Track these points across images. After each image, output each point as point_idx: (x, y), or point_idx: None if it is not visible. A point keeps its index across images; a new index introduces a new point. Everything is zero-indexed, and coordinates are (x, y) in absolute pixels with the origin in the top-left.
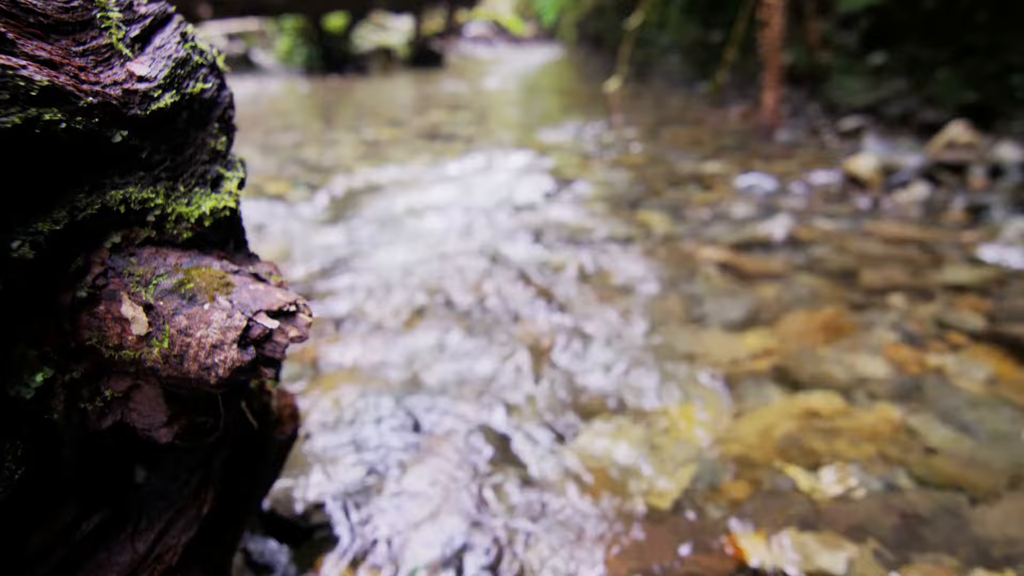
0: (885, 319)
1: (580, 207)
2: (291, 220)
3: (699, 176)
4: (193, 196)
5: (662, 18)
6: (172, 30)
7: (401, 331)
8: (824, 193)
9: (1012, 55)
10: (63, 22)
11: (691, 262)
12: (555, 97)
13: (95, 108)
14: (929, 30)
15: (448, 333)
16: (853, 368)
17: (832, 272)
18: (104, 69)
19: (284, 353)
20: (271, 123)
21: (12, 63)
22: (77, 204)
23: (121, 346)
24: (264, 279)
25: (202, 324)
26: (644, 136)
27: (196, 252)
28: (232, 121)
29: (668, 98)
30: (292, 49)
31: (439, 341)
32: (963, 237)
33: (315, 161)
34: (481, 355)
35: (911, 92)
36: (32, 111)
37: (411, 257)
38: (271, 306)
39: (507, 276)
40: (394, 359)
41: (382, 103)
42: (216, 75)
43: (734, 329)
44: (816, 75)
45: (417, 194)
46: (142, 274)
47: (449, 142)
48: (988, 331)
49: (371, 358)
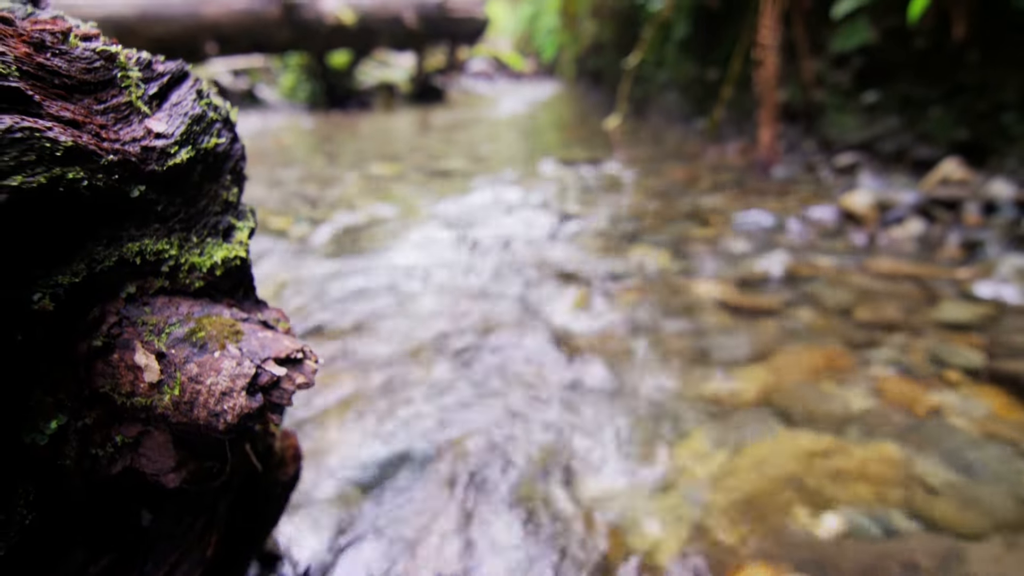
0: (883, 356)
1: (578, 243)
2: (292, 255)
3: (697, 211)
4: (205, 246)
5: (659, 56)
6: (188, 87)
7: (400, 369)
8: (821, 229)
9: (1003, 94)
10: (86, 82)
11: (689, 298)
12: (555, 132)
13: (115, 165)
14: (921, 69)
15: (442, 372)
16: (852, 405)
17: (829, 308)
18: (124, 126)
19: (291, 400)
20: (274, 158)
21: (39, 125)
22: (96, 257)
23: (133, 393)
24: (272, 326)
25: (212, 372)
26: (643, 171)
27: (207, 300)
28: (243, 172)
29: (666, 134)
30: (296, 85)
31: (432, 377)
32: (958, 273)
33: (317, 196)
34: (474, 398)
35: (904, 129)
36: (56, 170)
37: (409, 294)
38: (279, 353)
39: (504, 313)
40: (390, 401)
41: (384, 138)
42: (229, 129)
43: (732, 366)
44: (811, 112)
45: (417, 230)
46: (155, 323)
47: (450, 178)
48: (985, 368)
49: (366, 395)
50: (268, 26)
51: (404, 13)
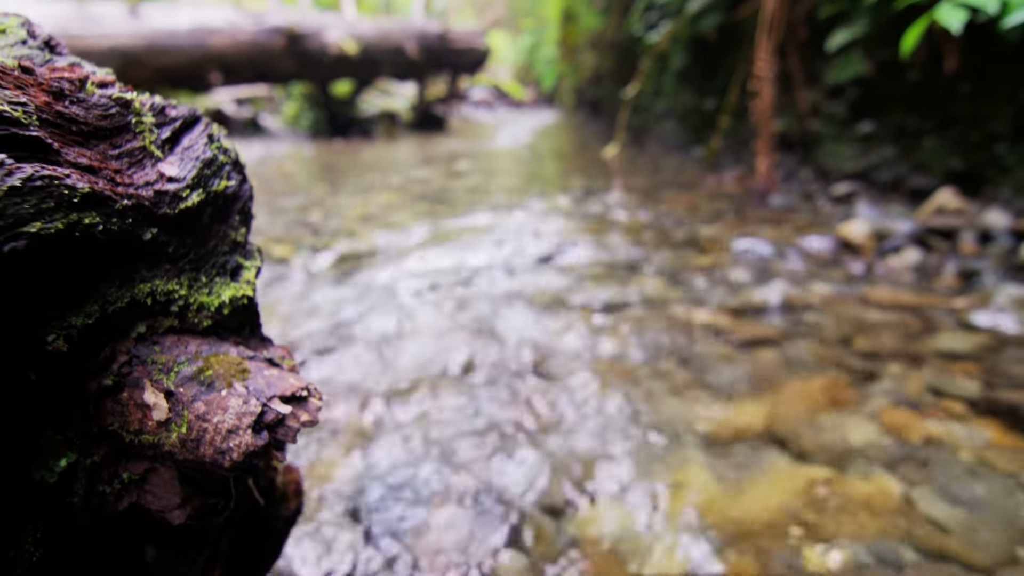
0: (881, 386)
1: (578, 271)
2: (293, 283)
3: (695, 240)
4: (214, 286)
5: (657, 86)
6: (200, 131)
7: (398, 401)
8: (818, 258)
9: (994, 124)
10: (102, 128)
11: (688, 327)
12: (554, 161)
13: (129, 209)
14: (914, 100)
15: (438, 405)
16: (851, 437)
17: (828, 338)
18: (137, 170)
19: (295, 438)
20: (277, 186)
21: (57, 173)
22: (108, 298)
23: (141, 431)
24: (278, 364)
25: (219, 410)
26: (641, 199)
27: (215, 339)
28: (251, 212)
29: (664, 162)
30: (299, 113)
31: (426, 412)
32: (955, 303)
33: (319, 224)
34: (468, 431)
35: (900, 159)
36: (74, 216)
37: (409, 324)
38: (284, 391)
39: (502, 345)
40: (390, 431)
41: (385, 166)
42: (238, 171)
43: (731, 396)
44: (807, 142)
45: (418, 258)
46: (164, 362)
47: (450, 206)
48: (984, 398)
49: (364, 428)
50: (272, 56)
51: (406, 44)
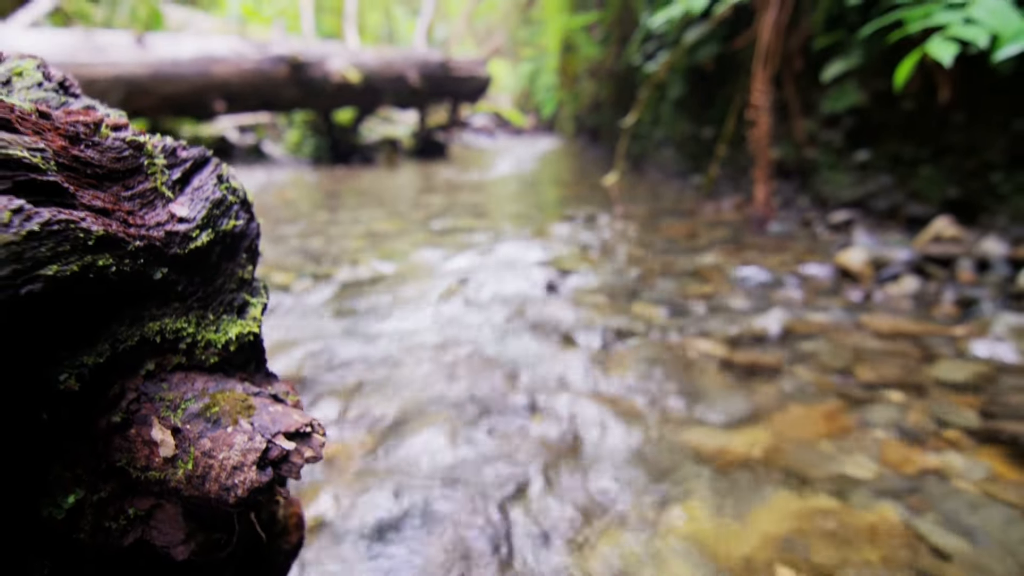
0: (882, 416)
1: (578, 300)
2: (295, 311)
3: (695, 268)
4: (221, 323)
5: (656, 115)
6: (209, 172)
7: (395, 433)
8: (817, 285)
9: (989, 154)
10: (116, 170)
11: (688, 356)
12: (554, 188)
13: (141, 250)
14: (909, 129)
15: (435, 435)
16: (852, 466)
17: (827, 367)
18: (149, 211)
19: (299, 474)
20: (279, 213)
21: (73, 216)
22: (119, 337)
23: (148, 467)
24: (282, 399)
25: (225, 446)
26: (641, 227)
27: (221, 375)
28: (257, 249)
29: (663, 189)
30: (301, 141)
31: (427, 445)
32: (954, 331)
33: (320, 251)
34: (464, 462)
35: (896, 187)
36: (88, 258)
37: (407, 353)
38: (288, 428)
39: (502, 376)
40: (390, 465)
41: (386, 193)
42: (246, 210)
43: (731, 426)
44: (805, 170)
45: (418, 286)
46: (172, 399)
47: (451, 233)
48: (984, 428)
49: (361, 461)
50: (276, 84)
51: (408, 72)
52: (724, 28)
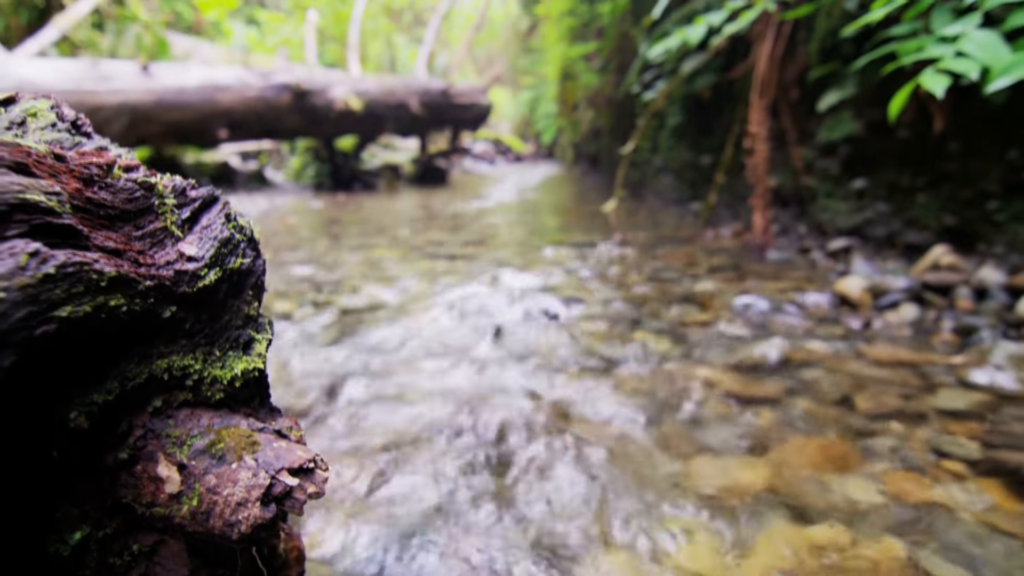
0: (883, 446)
1: (577, 327)
2: (295, 340)
3: (694, 295)
4: (227, 360)
5: (654, 142)
6: (218, 211)
7: (393, 461)
8: (816, 313)
9: (985, 182)
10: (127, 211)
11: (688, 385)
12: (554, 215)
13: (151, 290)
14: (905, 158)
15: (432, 467)
16: (854, 498)
17: (828, 396)
18: (159, 250)
19: (302, 509)
20: (280, 240)
21: (87, 258)
22: (127, 375)
23: (153, 503)
24: (286, 435)
25: (229, 483)
26: (640, 254)
27: (226, 411)
28: (263, 285)
29: (662, 216)
30: (303, 167)
31: (421, 482)
32: (954, 360)
33: (321, 279)
34: (456, 499)
35: (893, 215)
36: (100, 299)
37: (407, 382)
38: (292, 464)
39: (502, 405)
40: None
41: (387, 220)
42: (252, 248)
43: (731, 456)
44: (803, 197)
45: (418, 314)
46: (178, 435)
47: (451, 260)
48: (986, 459)
49: (359, 493)
50: (279, 112)
51: (409, 100)
52: (721, 59)
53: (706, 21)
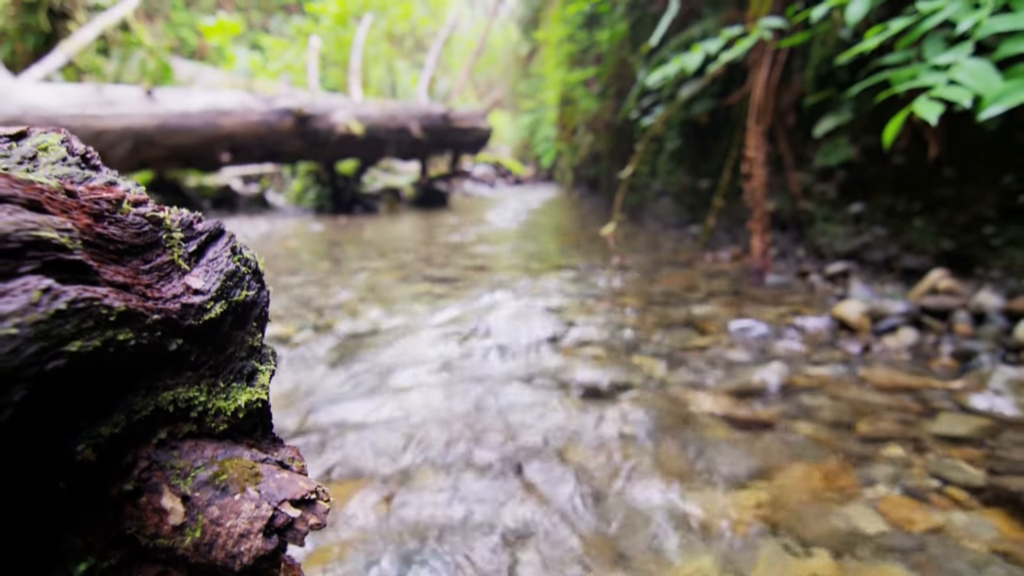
0: (884, 472)
1: (577, 352)
2: (295, 364)
3: (693, 320)
4: (231, 391)
5: (653, 167)
6: (224, 244)
7: (398, 487)
8: (816, 338)
9: (980, 207)
10: (136, 245)
11: (688, 410)
12: (553, 237)
13: (158, 323)
14: (901, 183)
15: (432, 491)
16: (855, 525)
17: (827, 421)
18: (166, 283)
19: (304, 540)
20: (281, 263)
21: (97, 294)
22: (134, 407)
23: (157, 535)
24: (288, 466)
25: (232, 514)
26: (640, 278)
27: (230, 442)
28: (267, 316)
29: (661, 239)
30: (304, 190)
31: (425, 500)
32: (953, 384)
33: (321, 303)
34: (462, 519)
35: (891, 239)
36: (109, 333)
37: (407, 407)
38: (294, 495)
39: (502, 428)
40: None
41: (387, 243)
42: (257, 280)
43: (731, 483)
44: (801, 221)
45: (418, 338)
46: (182, 467)
47: (451, 284)
48: (987, 485)
49: (359, 519)
50: (281, 136)
51: (410, 124)
52: (718, 85)
53: (703, 49)
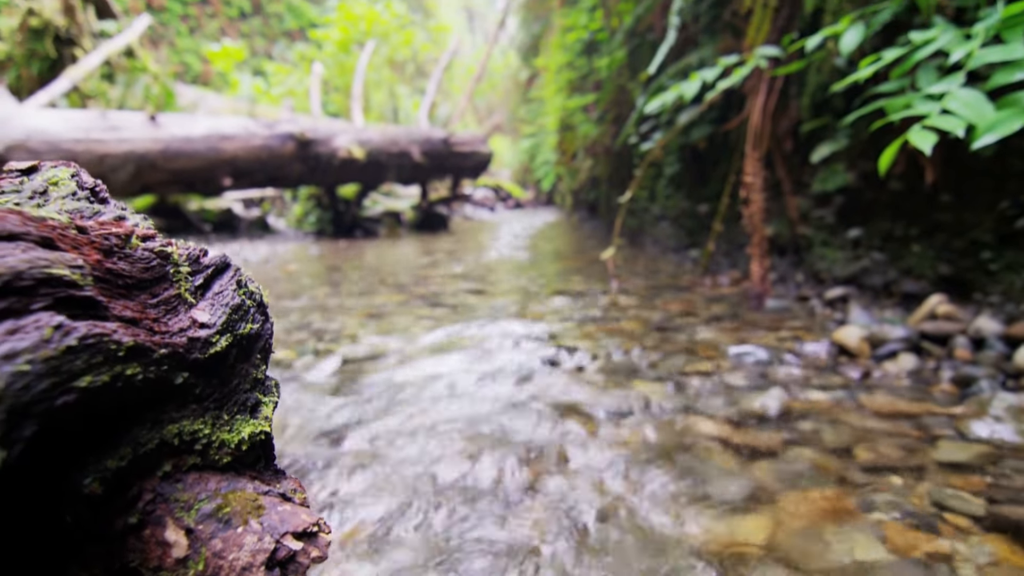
0: (885, 500)
1: (576, 377)
2: (295, 389)
3: (693, 345)
4: (235, 423)
5: (652, 191)
6: (229, 277)
7: (397, 518)
8: (815, 363)
9: (977, 232)
10: (144, 280)
11: (688, 437)
12: (553, 261)
13: (165, 357)
14: (898, 208)
15: (434, 522)
16: (856, 553)
17: (828, 448)
18: (172, 317)
19: (305, 573)
20: (281, 287)
21: (107, 329)
22: (140, 440)
23: (160, 568)
24: (290, 498)
25: (235, 547)
26: (639, 303)
27: (233, 474)
28: (271, 348)
29: (661, 263)
30: (305, 214)
31: (427, 537)
32: (953, 410)
33: (321, 327)
34: (461, 547)
35: (889, 264)
36: (118, 368)
37: (407, 431)
38: (296, 528)
39: (503, 456)
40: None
41: (387, 267)
42: (262, 312)
43: (731, 510)
44: (799, 246)
45: (419, 364)
46: (186, 500)
47: (451, 309)
48: (988, 514)
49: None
50: (283, 160)
51: (411, 149)
52: (716, 111)
53: (700, 77)
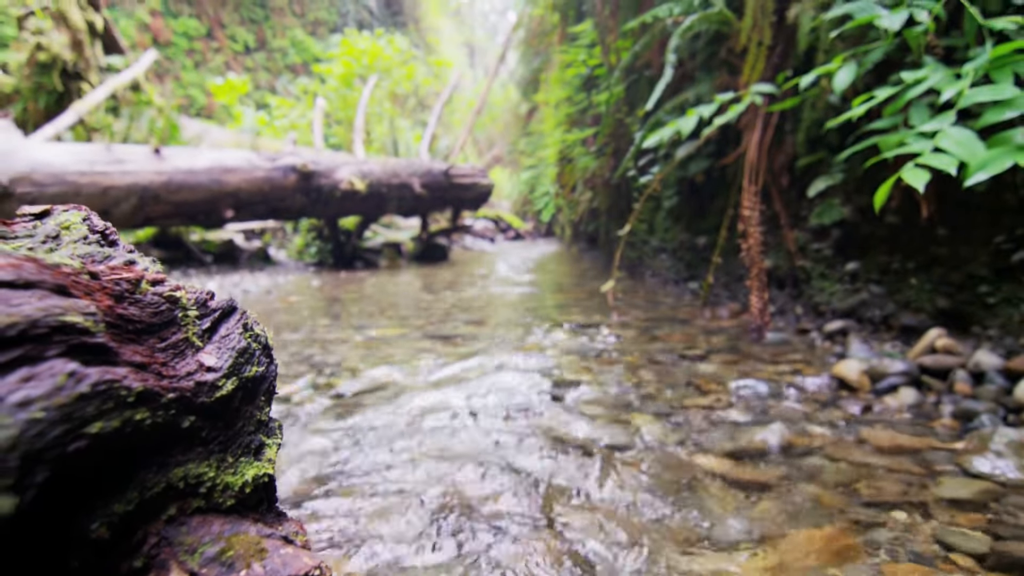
0: (888, 537)
1: (578, 412)
2: (294, 425)
3: (693, 378)
4: (239, 466)
5: (651, 224)
6: (235, 321)
7: (395, 551)
8: (816, 397)
9: (974, 266)
10: (153, 324)
11: (688, 473)
12: (552, 293)
13: (172, 402)
14: (895, 242)
15: (434, 551)
16: None
17: (830, 484)
18: (179, 360)
19: None
20: (281, 318)
21: (117, 375)
22: (147, 484)
23: None
24: (292, 540)
25: None
26: (639, 335)
27: (236, 517)
28: (274, 390)
29: (660, 296)
30: (306, 245)
31: (424, 562)
32: (955, 446)
33: (321, 360)
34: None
35: (887, 297)
36: (128, 413)
37: (408, 467)
38: (298, 571)
39: (503, 490)
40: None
41: (387, 298)
42: (266, 355)
43: (735, 547)
44: (798, 279)
45: (419, 398)
46: (190, 543)
47: (451, 341)
48: (992, 551)
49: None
50: (285, 192)
51: (412, 181)
52: (713, 145)
53: (697, 112)
